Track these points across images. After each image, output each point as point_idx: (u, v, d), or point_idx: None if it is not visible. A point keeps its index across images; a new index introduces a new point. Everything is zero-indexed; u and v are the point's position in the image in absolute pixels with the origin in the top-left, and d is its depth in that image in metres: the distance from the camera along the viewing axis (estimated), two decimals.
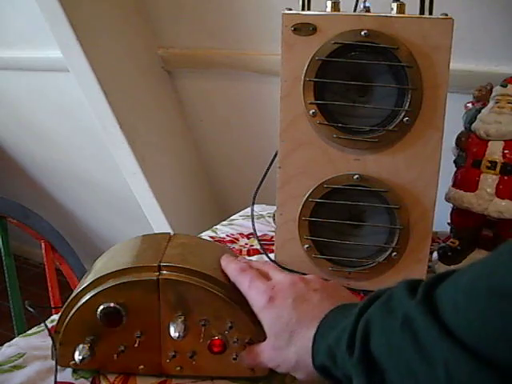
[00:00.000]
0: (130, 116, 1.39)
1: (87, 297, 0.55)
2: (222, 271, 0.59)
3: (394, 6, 0.68)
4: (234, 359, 0.57)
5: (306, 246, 0.76)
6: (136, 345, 0.56)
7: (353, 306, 0.48)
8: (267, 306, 0.54)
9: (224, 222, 1.07)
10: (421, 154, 0.71)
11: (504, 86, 0.77)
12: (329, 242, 0.76)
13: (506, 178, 0.76)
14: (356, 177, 0.72)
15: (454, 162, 0.83)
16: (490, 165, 0.77)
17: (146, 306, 0.55)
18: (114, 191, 1.93)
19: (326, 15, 0.69)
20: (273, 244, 0.82)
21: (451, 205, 0.84)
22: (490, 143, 0.77)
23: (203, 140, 1.56)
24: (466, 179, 0.80)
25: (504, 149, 0.76)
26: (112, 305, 0.54)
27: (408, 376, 0.39)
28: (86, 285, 0.56)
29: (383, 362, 0.42)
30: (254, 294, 0.56)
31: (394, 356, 0.41)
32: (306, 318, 0.52)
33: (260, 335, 0.56)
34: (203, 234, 1.00)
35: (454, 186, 0.82)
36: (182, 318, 0.55)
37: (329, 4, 0.69)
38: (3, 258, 1.02)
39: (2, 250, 1.02)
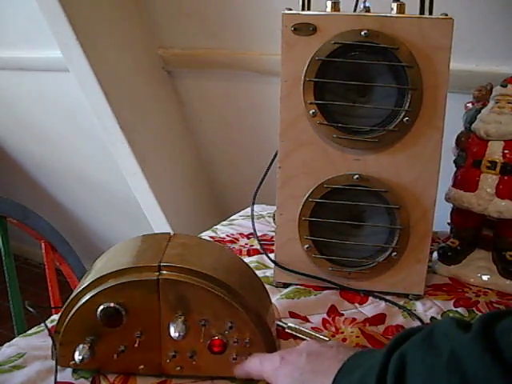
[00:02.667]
0: (130, 116, 1.39)
1: (87, 297, 0.55)
2: (223, 271, 0.59)
3: (394, 6, 0.68)
4: (234, 359, 0.57)
5: (306, 246, 0.76)
6: (136, 345, 0.56)
7: (378, 349, 0.43)
8: (279, 366, 0.51)
9: (224, 222, 1.07)
10: (421, 154, 0.71)
11: (504, 86, 0.77)
12: (329, 241, 0.76)
13: (506, 178, 0.76)
14: (356, 177, 0.72)
15: (454, 161, 0.83)
16: (490, 165, 0.77)
17: (146, 306, 0.55)
18: (114, 191, 1.93)
19: (326, 15, 0.69)
20: (273, 244, 0.82)
21: (451, 205, 0.84)
22: (489, 143, 0.77)
23: (203, 140, 1.56)
24: (466, 179, 0.80)
25: (504, 149, 0.76)
26: (112, 305, 0.54)
27: None
28: (86, 285, 0.56)
29: None
30: (266, 363, 0.53)
31: None
32: (322, 367, 0.48)
33: (260, 335, 0.56)
34: (203, 234, 1.00)
35: (454, 185, 0.82)
36: (182, 318, 0.55)
37: (329, 4, 0.69)
38: (3, 258, 1.02)
39: (2, 250, 1.02)
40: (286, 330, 0.66)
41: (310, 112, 0.70)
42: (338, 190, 0.73)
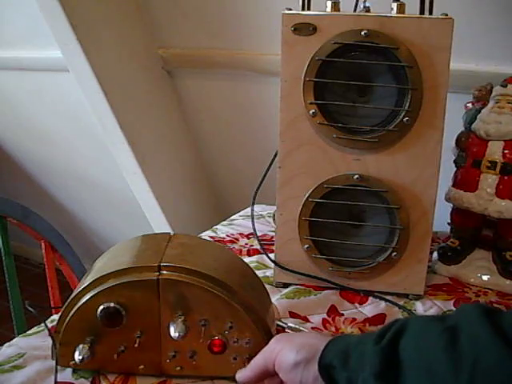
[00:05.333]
0: (130, 116, 1.39)
1: (87, 297, 0.55)
2: (223, 271, 0.59)
3: (394, 6, 0.68)
4: (234, 359, 0.57)
5: (306, 246, 0.76)
6: (136, 345, 0.56)
7: None
8: (277, 341, 0.54)
9: (224, 222, 1.07)
10: (421, 154, 0.71)
11: (504, 86, 0.77)
12: (329, 241, 0.76)
13: (506, 178, 0.76)
14: (356, 177, 0.72)
15: (454, 162, 0.83)
16: (490, 165, 0.77)
17: (146, 306, 0.55)
18: (114, 191, 1.93)
19: (326, 15, 0.69)
20: (273, 244, 0.82)
21: (451, 205, 0.84)
22: (489, 143, 0.77)
23: (203, 140, 1.56)
24: (466, 179, 0.80)
25: (504, 149, 0.76)
26: (112, 305, 0.54)
27: (426, 377, 0.39)
28: (85, 285, 0.56)
29: (406, 360, 0.41)
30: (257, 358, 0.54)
31: (419, 356, 0.40)
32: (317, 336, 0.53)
33: (260, 335, 0.55)
34: (203, 234, 1.00)
35: (454, 186, 0.82)
36: (182, 318, 0.55)
37: (329, 4, 0.69)
38: (3, 258, 1.02)
39: (2, 250, 1.02)
40: (286, 330, 0.66)
41: (310, 112, 0.70)
42: (337, 189, 0.73)
